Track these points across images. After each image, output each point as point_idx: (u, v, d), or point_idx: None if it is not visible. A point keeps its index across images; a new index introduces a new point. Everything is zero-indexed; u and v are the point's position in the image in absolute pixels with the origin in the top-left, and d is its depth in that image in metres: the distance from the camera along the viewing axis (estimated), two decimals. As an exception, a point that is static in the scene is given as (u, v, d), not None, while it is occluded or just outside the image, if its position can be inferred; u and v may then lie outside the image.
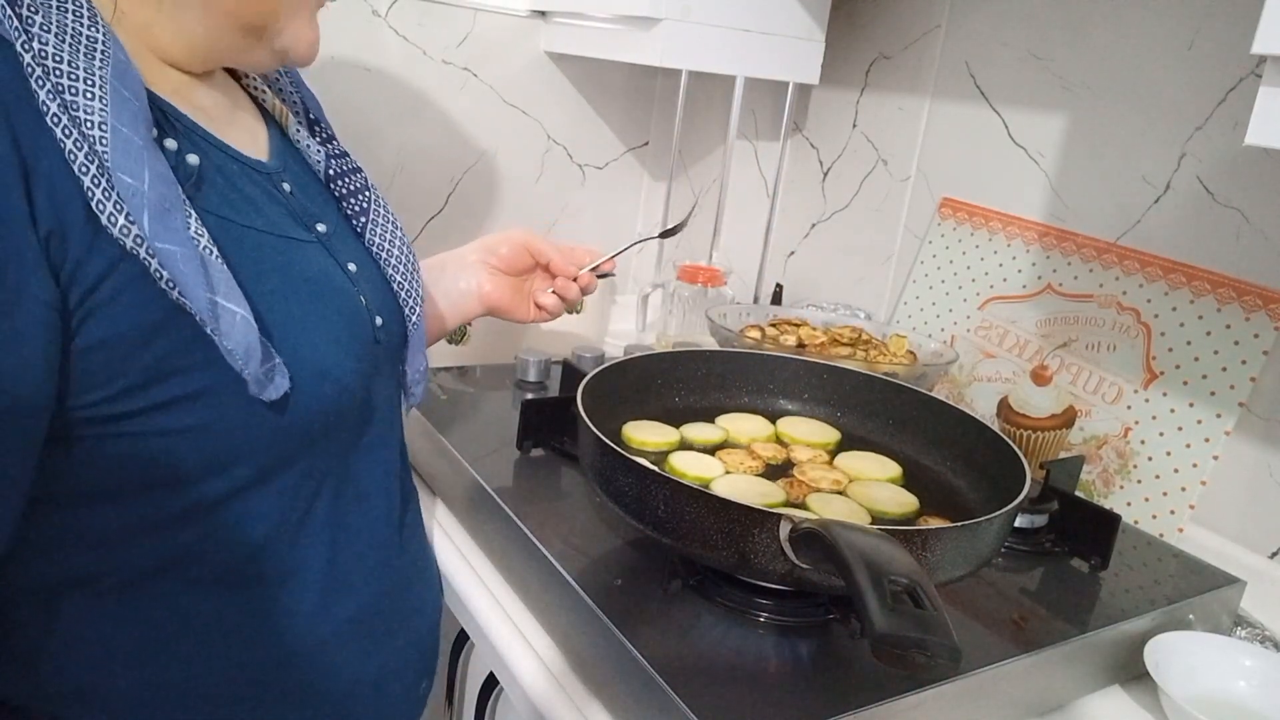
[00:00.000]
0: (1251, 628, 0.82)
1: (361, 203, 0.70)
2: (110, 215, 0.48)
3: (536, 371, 1.09)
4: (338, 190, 0.70)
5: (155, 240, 0.48)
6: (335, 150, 0.71)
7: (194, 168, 0.55)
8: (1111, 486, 0.98)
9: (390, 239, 0.71)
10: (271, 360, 0.53)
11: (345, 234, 0.68)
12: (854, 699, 0.59)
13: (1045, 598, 0.77)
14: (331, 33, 1.27)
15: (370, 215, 0.71)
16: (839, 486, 0.80)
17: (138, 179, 0.48)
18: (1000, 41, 1.13)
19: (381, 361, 0.67)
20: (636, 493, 0.65)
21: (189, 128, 0.57)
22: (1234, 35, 0.92)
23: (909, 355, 1.10)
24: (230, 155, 0.59)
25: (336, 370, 0.59)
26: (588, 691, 0.66)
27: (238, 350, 0.51)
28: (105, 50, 0.50)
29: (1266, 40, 0.57)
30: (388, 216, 0.72)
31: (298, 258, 0.60)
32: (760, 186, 1.48)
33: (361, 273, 0.66)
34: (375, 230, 0.70)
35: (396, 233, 0.72)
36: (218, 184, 0.57)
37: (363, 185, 0.71)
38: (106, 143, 0.48)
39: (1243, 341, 0.91)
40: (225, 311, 0.51)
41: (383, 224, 0.71)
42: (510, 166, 1.47)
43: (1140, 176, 1.00)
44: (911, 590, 0.49)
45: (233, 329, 0.51)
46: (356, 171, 0.71)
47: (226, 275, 0.52)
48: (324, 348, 0.59)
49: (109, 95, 0.49)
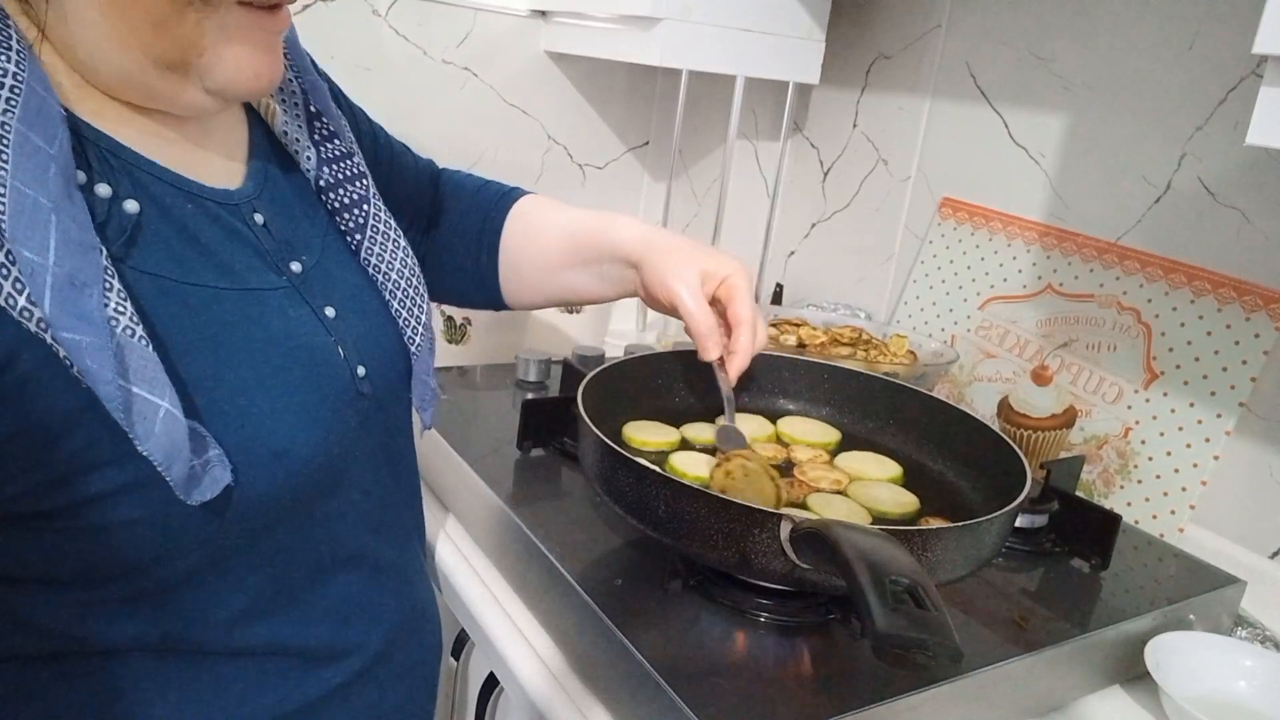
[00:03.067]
0: (1252, 628, 0.82)
1: (358, 217, 0.63)
2: (8, 296, 0.41)
3: (537, 371, 1.09)
4: (331, 202, 0.62)
5: (59, 328, 0.41)
6: (333, 152, 0.63)
7: (132, 217, 0.48)
8: (1112, 486, 0.98)
9: (390, 259, 0.64)
10: (205, 453, 0.47)
11: (333, 260, 0.61)
12: (854, 699, 0.59)
13: (1046, 598, 0.77)
14: (331, 33, 1.27)
15: (368, 232, 0.63)
16: (839, 486, 0.79)
17: (41, 253, 0.41)
18: (1000, 41, 1.13)
19: (368, 411, 0.60)
20: (637, 493, 0.65)
21: (131, 164, 0.50)
22: (1234, 35, 0.92)
23: (909, 355, 1.10)
24: (186, 191, 0.52)
25: (294, 447, 0.52)
26: (588, 691, 0.66)
27: (156, 454, 0.44)
28: (15, 88, 0.43)
29: (1267, 40, 0.57)
30: (388, 234, 0.64)
31: (256, 313, 0.53)
32: (760, 186, 1.48)
33: (345, 312, 0.59)
34: (373, 250, 0.63)
35: (398, 253, 0.64)
36: (163, 234, 0.50)
37: (362, 196, 0.63)
38: (4, 208, 0.40)
39: (1243, 341, 0.91)
40: (144, 405, 0.44)
41: (382, 241, 0.63)
42: (510, 166, 1.47)
43: (1140, 176, 1.00)
44: (912, 590, 0.49)
45: (151, 428, 0.44)
46: (357, 179, 0.64)
47: (150, 359, 0.44)
48: (281, 422, 0.51)
49: (10, 148, 0.41)
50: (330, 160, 0.63)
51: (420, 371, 0.66)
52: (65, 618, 0.50)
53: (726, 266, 0.75)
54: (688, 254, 0.75)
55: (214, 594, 0.52)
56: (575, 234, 0.80)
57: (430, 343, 0.67)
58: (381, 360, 0.61)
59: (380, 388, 0.61)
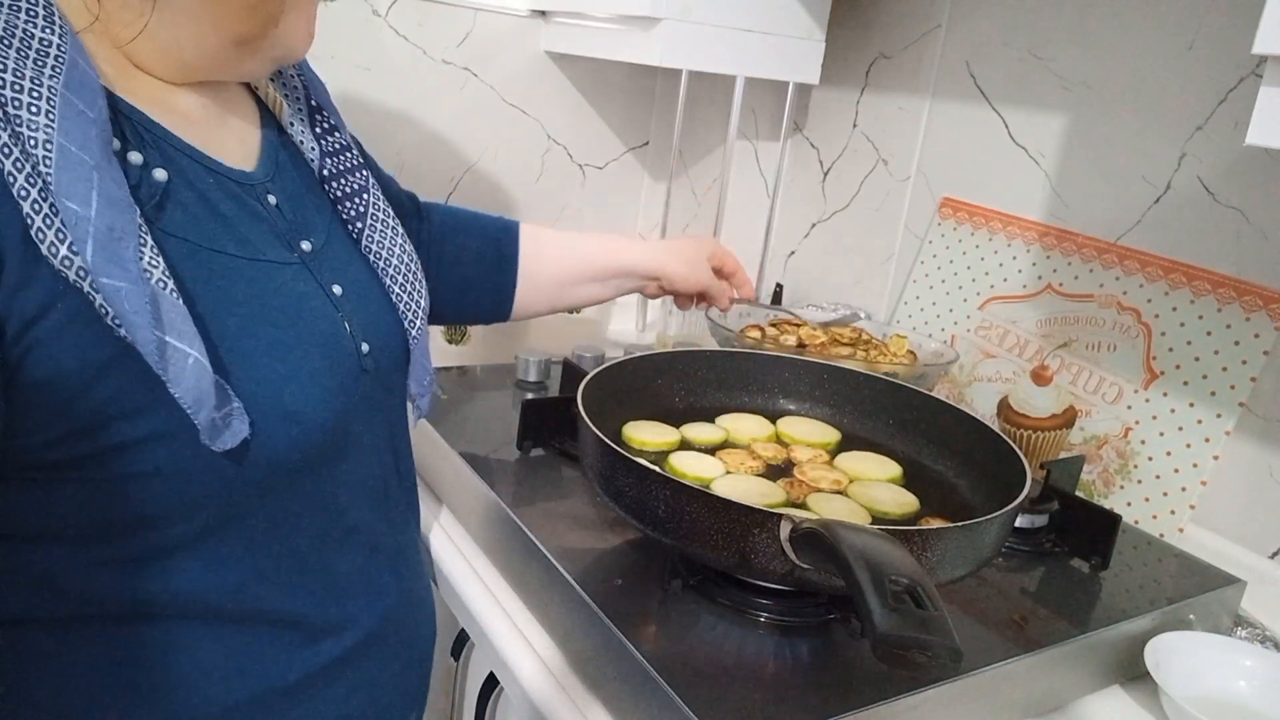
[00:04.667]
0: (1252, 628, 0.82)
1: (359, 206, 0.66)
2: (51, 245, 0.44)
3: (536, 371, 1.09)
4: (333, 191, 0.66)
5: (99, 275, 0.44)
6: (334, 145, 0.66)
7: (160, 184, 0.51)
8: (1112, 486, 0.98)
9: (390, 246, 0.67)
10: (228, 405, 0.49)
11: (338, 245, 0.64)
12: (854, 699, 0.59)
13: (1045, 598, 0.77)
14: (331, 33, 1.27)
15: (368, 220, 0.66)
16: (839, 486, 0.79)
17: (84, 205, 0.44)
18: (1000, 41, 1.13)
19: (372, 389, 0.63)
20: (637, 493, 0.65)
21: (161, 138, 0.53)
22: (1234, 35, 0.92)
23: (909, 355, 1.10)
24: (208, 168, 0.55)
25: (307, 410, 0.55)
26: (588, 691, 0.66)
27: (186, 397, 0.47)
28: (60, 56, 0.46)
29: (1267, 40, 0.57)
30: (387, 221, 0.67)
31: (273, 284, 0.56)
32: (760, 186, 1.48)
33: (350, 293, 0.62)
34: (373, 237, 0.66)
35: (397, 239, 0.67)
36: (188, 202, 0.53)
37: (361, 186, 0.67)
38: (51, 163, 0.43)
39: (1243, 341, 0.91)
40: (175, 353, 0.46)
41: (381, 229, 0.67)
42: (510, 166, 1.47)
43: (1140, 176, 1.00)
44: (912, 590, 0.49)
45: (183, 373, 0.47)
46: (357, 170, 0.67)
47: (181, 311, 0.47)
48: (294, 386, 0.54)
49: (57, 109, 0.44)
50: (331, 152, 0.66)
51: (419, 356, 0.68)
52: (79, 578, 0.52)
53: (709, 245, 0.96)
54: (689, 254, 0.94)
55: (222, 557, 0.54)
56: (588, 255, 0.91)
57: (426, 332, 0.69)
58: (382, 342, 0.64)
59: (382, 367, 0.64)
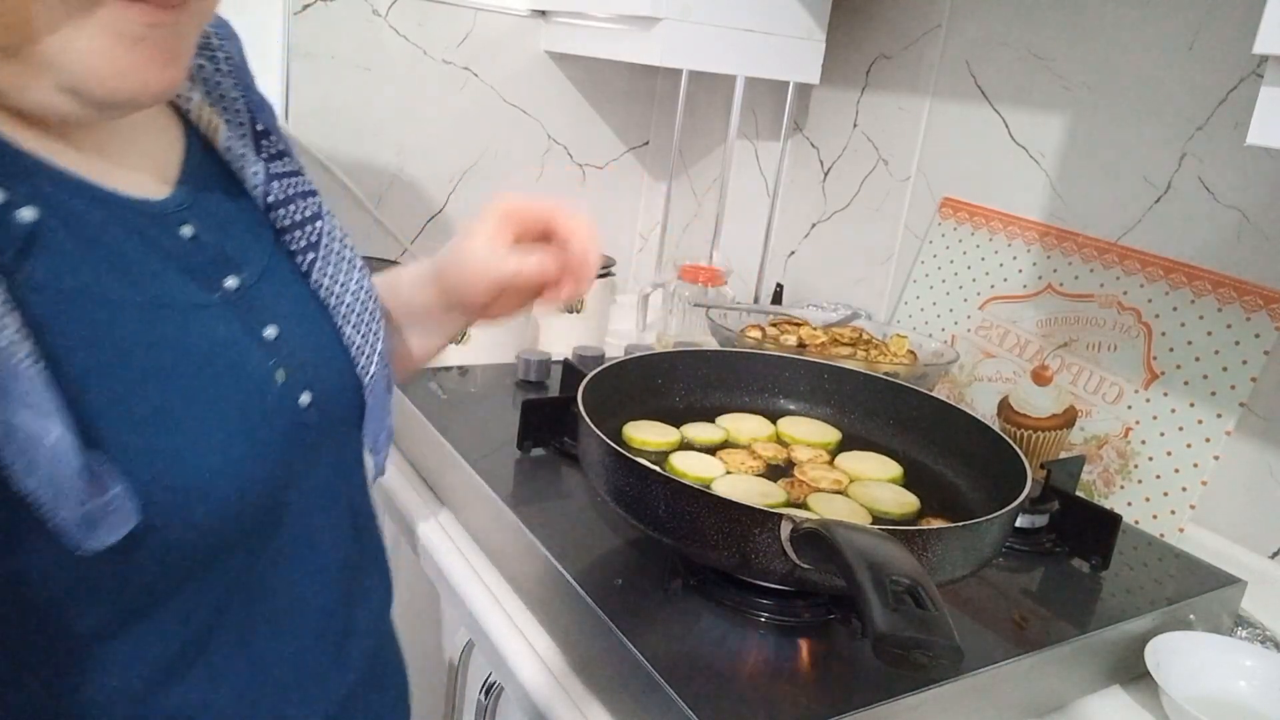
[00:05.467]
0: (1252, 628, 0.82)
1: (309, 235, 0.57)
2: None
3: (537, 371, 1.09)
4: (280, 220, 0.56)
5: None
6: (282, 169, 0.57)
7: (25, 226, 0.42)
8: (1112, 486, 0.98)
9: (344, 281, 0.58)
10: (105, 492, 0.39)
11: (279, 280, 0.55)
12: (854, 699, 0.59)
13: (1046, 598, 0.77)
14: (331, 33, 1.27)
15: (320, 251, 0.57)
16: (839, 486, 0.79)
17: None
18: (1000, 41, 1.13)
19: (318, 444, 0.54)
20: (637, 493, 0.65)
21: (33, 169, 0.43)
22: (1234, 35, 0.92)
23: (909, 355, 1.10)
24: (98, 199, 0.46)
25: (218, 484, 0.45)
26: (588, 691, 0.66)
27: (41, 490, 0.37)
28: None
29: (1267, 40, 0.57)
30: (343, 253, 0.59)
31: (178, 331, 0.46)
32: (760, 186, 1.48)
33: (289, 335, 0.52)
34: (325, 270, 0.57)
35: (353, 273, 0.59)
36: (64, 243, 0.43)
37: (314, 214, 0.58)
38: None
39: (1243, 341, 0.91)
40: (27, 435, 0.37)
41: (336, 261, 0.58)
42: (510, 166, 1.47)
43: (1141, 176, 1.00)
44: (913, 590, 0.49)
45: (36, 460, 0.37)
46: (308, 196, 0.58)
47: (37, 380, 0.38)
48: (203, 454, 0.44)
49: None
50: (279, 175, 0.57)
51: (375, 405, 0.59)
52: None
53: (508, 201, 0.63)
54: (468, 242, 0.63)
55: (123, 656, 0.45)
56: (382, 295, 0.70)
57: (387, 376, 0.60)
58: (331, 389, 0.55)
59: (330, 418, 0.55)
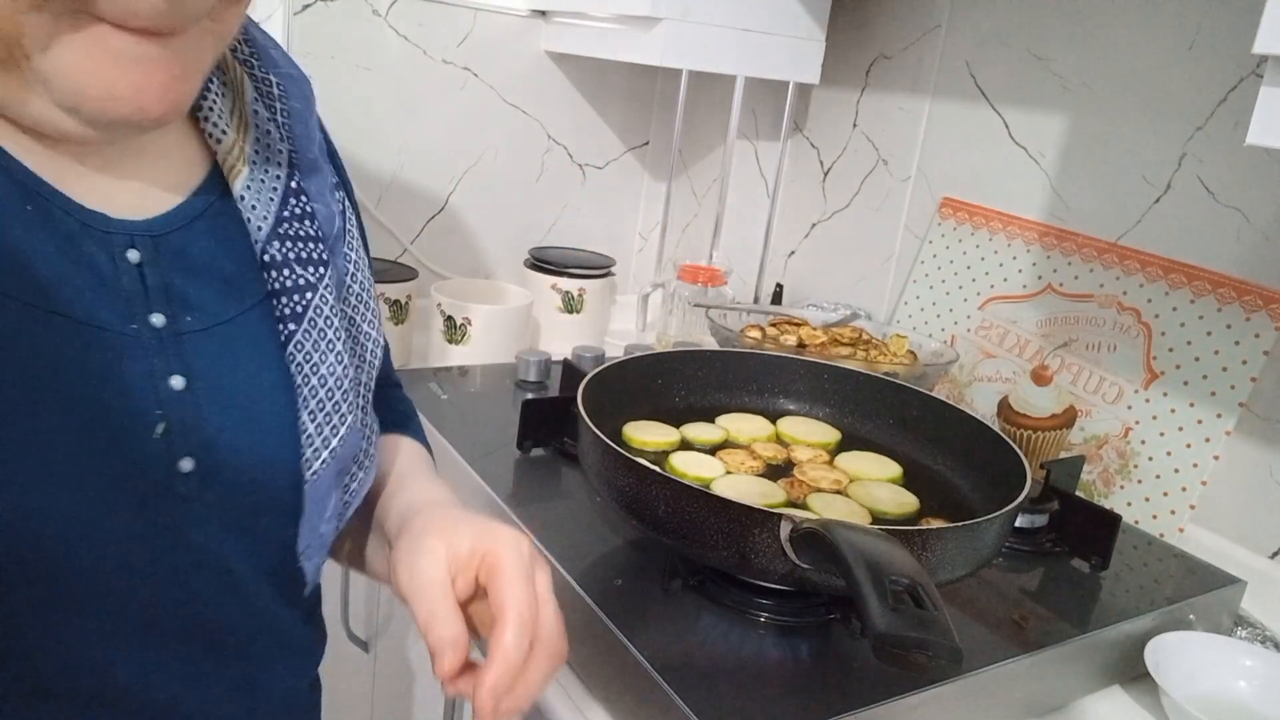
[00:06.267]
0: (1252, 628, 0.82)
1: (297, 305, 0.51)
2: None
3: (537, 371, 1.09)
4: (273, 282, 0.51)
5: None
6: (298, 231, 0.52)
7: None
8: (1112, 486, 0.98)
9: (319, 362, 0.51)
10: None
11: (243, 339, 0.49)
12: (854, 699, 0.59)
13: (1045, 598, 0.77)
14: (331, 33, 1.27)
15: (304, 325, 0.51)
16: (839, 486, 0.79)
17: None
18: (1000, 41, 1.13)
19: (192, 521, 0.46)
20: (637, 493, 0.65)
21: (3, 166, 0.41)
22: (1234, 35, 0.92)
23: (909, 355, 1.10)
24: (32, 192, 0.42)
25: (16, 515, 0.39)
26: (587, 692, 0.66)
27: None
28: None
29: (1267, 40, 0.57)
30: (325, 332, 0.52)
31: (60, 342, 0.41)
32: (760, 186, 1.48)
33: (205, 393, 0.46)
34: (304, 347, 0.51)
35: (329, 355, 0.52)
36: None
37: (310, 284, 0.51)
38: None
39: (1243, 341, 0.91)
40: None
41: (316, 340, 0.52)
42: (510, 166, 1.47)
43: (1140, 176, 1.00)
44: (912, 590, 0.49)
45: None
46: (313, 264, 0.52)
47: None
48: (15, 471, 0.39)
49: None
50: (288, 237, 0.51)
51: (313, 509, 0.51)
52: None
53: (492, 539, 0.50)
54: (445, 530, 0.52)
55: None
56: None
57: (333, 473, 0.52)
58: (244, 466, 0.48)
59: (228, 499, 0.47)
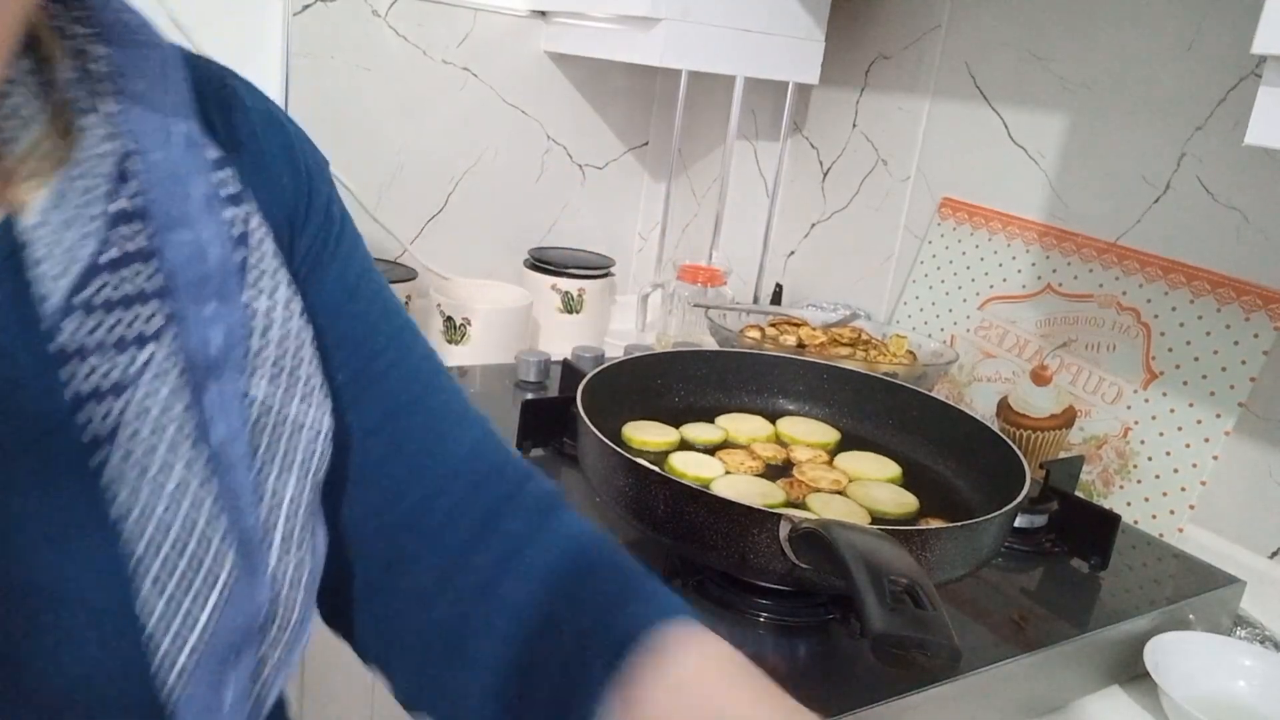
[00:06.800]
0: (1251, 628, 0.82)
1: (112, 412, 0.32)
2: None
3: (536, 371, 1.09)
4: (74, 377, 0.32)
5: None
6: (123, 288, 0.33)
7: None
8: (1111, 486, 0.98)
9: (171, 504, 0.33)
10: None
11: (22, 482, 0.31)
12: (854, 699, 0.59)
13: (1045, 598, 0.77)
14: (331, 33, 1.27)
15: (119, 444, 0.32)
16: (839, 486, 0.79)
17: None
18: (1000, 41, 1.13)
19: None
20: (636, 493, 0.65)
21: None
22: (1234, 35, 0.92)
23: (909, 355, 1.10)
24: None
25: None
26: (588, 691, 0.66)
27: None
28: None
29: (1266, 40, 0.57)
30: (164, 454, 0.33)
31: None
32: (760, 186, 1.48)
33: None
34: (124, 474, 0.32)
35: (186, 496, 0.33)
36: None
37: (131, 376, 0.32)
38: None
39: (1242, 341, 0.91)
40: None
41: (144, 463, 0.32)
42: (510, 166, 1.47)
43: (1140, 176, 1.00)
44: (911, 590, 0.49)
45: None
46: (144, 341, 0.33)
47: None
48: None
49: None
50: (100, 305, 0.32)
51: (196, 714, 0.33)
52: None
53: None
54: None
55: None
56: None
57: (214, 661, 0.34)
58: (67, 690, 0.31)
59: None
